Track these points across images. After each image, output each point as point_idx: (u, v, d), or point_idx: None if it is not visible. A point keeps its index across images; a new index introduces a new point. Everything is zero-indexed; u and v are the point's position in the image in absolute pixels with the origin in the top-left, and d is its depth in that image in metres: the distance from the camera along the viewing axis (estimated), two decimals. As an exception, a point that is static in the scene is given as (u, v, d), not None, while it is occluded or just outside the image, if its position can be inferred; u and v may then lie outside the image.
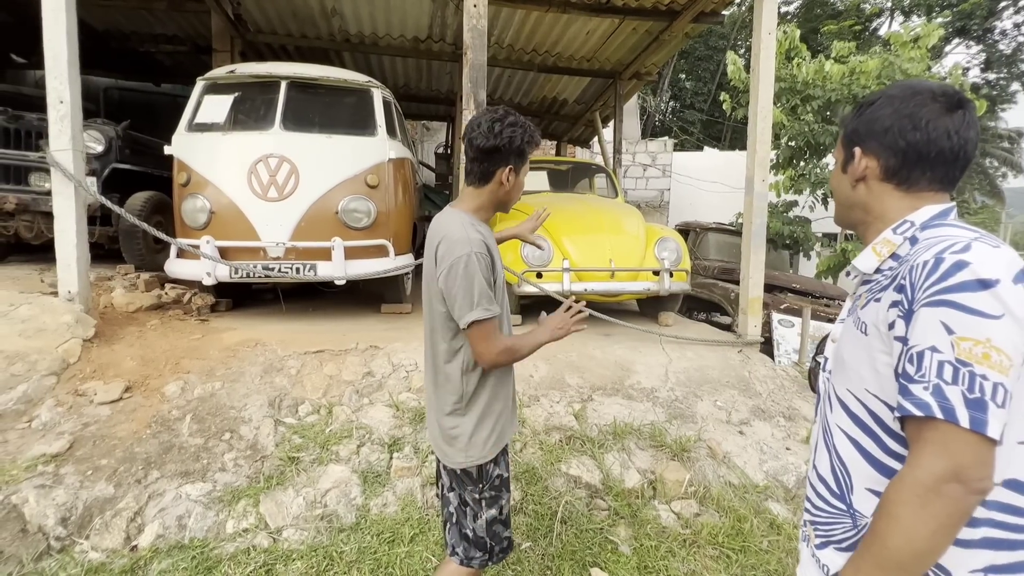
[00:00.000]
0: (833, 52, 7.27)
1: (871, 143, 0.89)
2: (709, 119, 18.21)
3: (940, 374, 0.70)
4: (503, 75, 7.26)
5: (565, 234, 4.13)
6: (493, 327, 1.32)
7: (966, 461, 0.69)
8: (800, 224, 7.62)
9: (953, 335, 0.70)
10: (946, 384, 0.70)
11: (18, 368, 2.61)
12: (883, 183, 0.89)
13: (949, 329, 0.71)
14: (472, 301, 1.28)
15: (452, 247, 1.30)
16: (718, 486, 2.56)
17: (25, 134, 4.21)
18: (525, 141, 1.36)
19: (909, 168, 0.86)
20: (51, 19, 2.98)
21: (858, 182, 0.92)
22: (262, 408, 2.67)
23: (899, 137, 0.85)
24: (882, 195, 0.89)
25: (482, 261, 1.30)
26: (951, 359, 0.70)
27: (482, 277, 1.29)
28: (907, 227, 0.86)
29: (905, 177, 0.87)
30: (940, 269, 0.74)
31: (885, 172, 0.88)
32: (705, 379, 3.36)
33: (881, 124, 0.87)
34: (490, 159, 1.36)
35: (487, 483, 1.41)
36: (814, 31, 13.92)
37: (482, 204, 1.42)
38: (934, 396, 0.70)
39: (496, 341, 1.32)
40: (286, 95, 3.74)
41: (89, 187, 3.18)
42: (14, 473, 2.11)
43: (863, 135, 0.90)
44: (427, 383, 1.48)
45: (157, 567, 1.89)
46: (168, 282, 3.98)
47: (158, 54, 6.80)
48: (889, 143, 0.86)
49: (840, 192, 0.97)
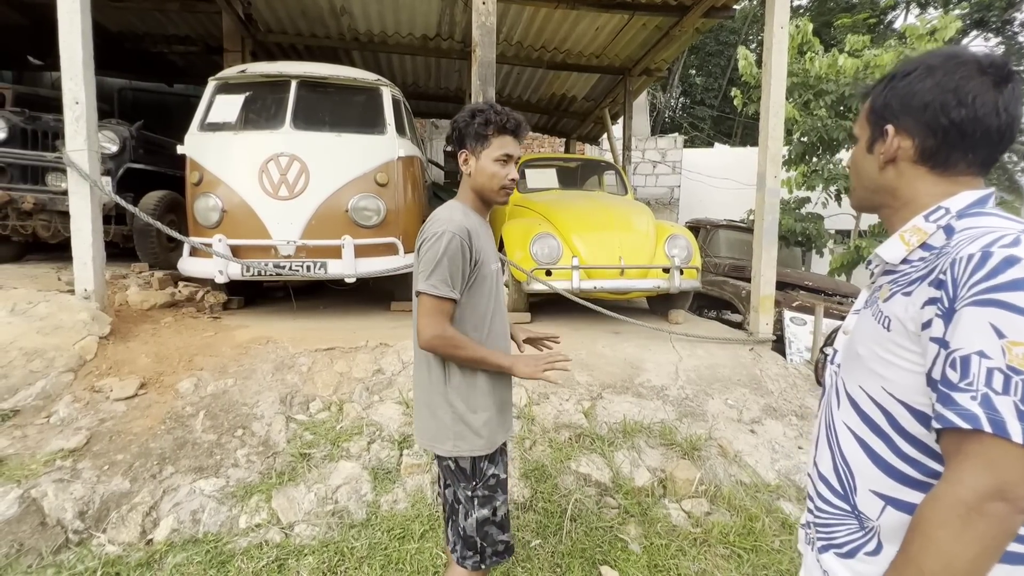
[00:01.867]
0: (847, 46, 7.16)
1: (906, 120, 0.78)
2: (720, 115, 18.03)
3: (989, 382, 0.63)
4: (512, 72, 7.24)
5: (574, 231, 4.11)
6: (438, 307, 1.30)
7: (1014, 478, 0.61)
8: (813, 221, 7.53)
9: (1004, 339, 0.62)
10: (996, 394, 0.62)
11: (37, 365, 2.67)
12: (917, 165, 0.80)
13: (1000, 332, 0.63)
14: (428, 272, 1.29)
15: (433, 224, 1.34)
16: (729, 485, 2.54)
17: (42, 135, 4.28)
18: (480, 123, 1.36)
19: (949, 149, 0.77)
20: (67, 21, 3.02)
21: (887, 164, 0.82)
22: (274, 405, 2.69)
23: (941, 114, 0.75)
24: (914, 179, 0.80)
25: (455, 241, 1.29)
26: (1002, 366, 0.62)
27: (447, 256, 1.28)
28: (941, 214, 0.77)
29: (943, 159, 0.77)
30: (988, 264, 0.65)
31: (921, 154, 0.78)
32: (716, 377, 3.34)
33: (920, 99, 0.77)
34: (455, 145, 1.41)
35: (480, 481, 1.40)
36: (827, 25, 13.70)
37: (467, 195, 1.44)
38: (983, 407, 0.63)
39: (437, 322, 1.30)
40: (296, 94, 3.76)
41: (104, 187, 3.23)
42: (33, 467, 2.15)
43: (896, 110, 0.80)
44: (417, 374, 1.47)
45: (172, 560, 1.92)
46: (181, 280, 4.03)
47: (171, 55, 6.88)
48: (928, 121, 0.76)
49: (864, 173, 0.87)
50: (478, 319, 1.39)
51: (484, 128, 1.36)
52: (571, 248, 4.02)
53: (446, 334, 1.31)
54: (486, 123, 1.36)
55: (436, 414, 1.39)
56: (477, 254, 1.35)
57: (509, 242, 4.20)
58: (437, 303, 1.30)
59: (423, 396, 1.43)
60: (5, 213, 4.09)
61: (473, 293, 1.37)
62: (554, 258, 3.95)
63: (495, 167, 1.39)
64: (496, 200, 1.46)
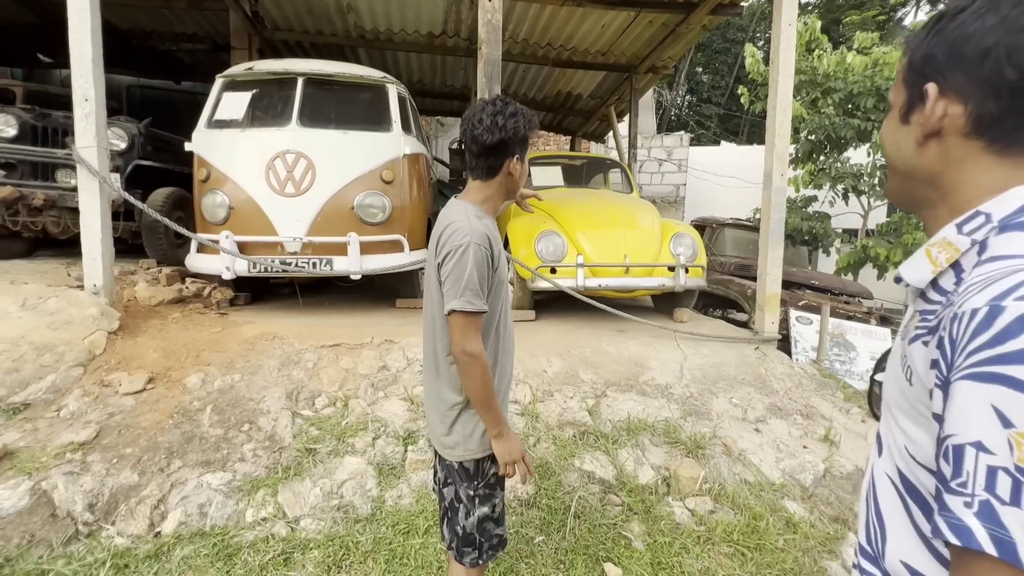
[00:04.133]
0: (856, 43, 7.10)
1: (956, 76, 0.56)
2: (726, 113, 17.92)
3: (991, 487, 0.47)
4: (517, 70, 7.23)
5: (579, 229, 4.11)
6: (472, 322, 1.29)
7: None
8: (820, 220, 7.49)
9: (1012, 429, 0.46)
10: (1000, 503, 0.46)
11: (47, 359, 2.70)
12: (969, 140, 0.57)
13: (1006, 419, 0.46)
14: (459, 289, 1.26)
15: (454, 235, 1.29)
16: (733, 483, 2.54)
17: (52, 132, 4.32)
18: (528, 128, 1.36)
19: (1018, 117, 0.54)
20: (76, 19, 3.05)
21: (928, 138, 0.60)
22: (280, 400, 2.71)
23: (1008, 65, 0.53)
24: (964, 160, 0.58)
25: (480, 252, 1.28)
26: (1008, 465, 0.46)
27: (475, 269, 1.27)
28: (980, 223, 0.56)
29: (1009, 132, 0.55)
30: (996, 325, 0.48)
31: (977, 123, 0.56)
32: (721, 376, 3.33)
33: (977, 44, 0.54)
34: (497, 153, 1.34)
35: (482, 480, 1.41)
36: (835, 22, 13.60)
37: (489, 196, 1.41)
38: (981, 519, 0.47)
39: (471, 339, 1.28)
40: (303, 91, 3.77)
41: (113, 183, 3.26)
42: (44, 460, 2.18)
43: (943, 63, 0.57)
44: (426, 375, 1.47)
45: (179, 553, 1.94)
46: (189, 276, 4.06)
47: (178, 52, 6.92)
48: (989, 76, 0.54)
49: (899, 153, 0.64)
50: (490, 320, 1.40)
51: (531, 132, 1.36)
52: (576, 246, 4.02)
53: (477, 352, 1.29)
54: (531, 127, 1.36)
55: (446, 420, 1.39)
56: (496, 260, 1.36)
57: (514, 240, 4.20)
58: (473, 319, 1.29)
59: (434, 402, 1.43)
60: (16, 209, 4.14)
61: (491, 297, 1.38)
62: (559, 256, 3.95)
63: (526, 168, 1.42)
64: (515, 197, 1.46)
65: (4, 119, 4.16)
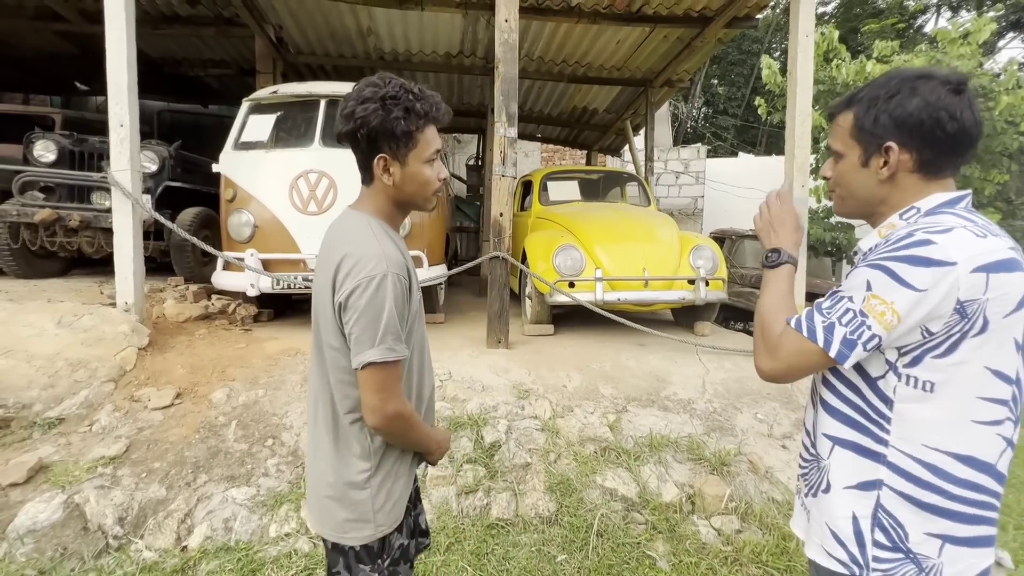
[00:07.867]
0: (875, 52, 7.03)
1: (902, 136, 0.87)
2: (744, 124, 17.82)
3: (835, 311, 0.86)
4: (533, 86, 7.33)
5: (597, 243, 4.11)
6: (394, 375, 1.00)
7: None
8: (843, 230, 7.35)
9: (869, 292, 0.82)
10: (823, 316, 0.87)
11: (81, 375, 2.78)
12: (913, 173, 0.89)
13: (869, 286, 0.82)
14: (375, 335, 0.96)
15: (360, 262, 0.98)
16: (760, 502, 2.47)
17: (88, 156, 4.52)
18: (399, 116, 0.99)
19: (943, 158, 0.87)
20: (114, 50, 3.20)
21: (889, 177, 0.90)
22: (303, 415, 2.74)
23: (937, 129, 0.84)
24: (908, 186, 0.90)
25: (399, 285, 1.00)
26: (855, 308, 0.83)
27: (394, 307, 0.98)
28: (913, 213, 0.89)
29: (938, 167, 0.88)
30: (904, 240, 0.81)
31: (919, 164, 0.88)
32: (744, 390, 3.26)
33: (916, 117, 0.85)
34: (357, 148, 1.04)
35: (388, 556, 1.11)
36: (854, 31, 13.47)
37: (380, 206, 1.09)
38: (805, 318, 0.90)
39: (393, 397, 1.00)
40: (325, 113, 3.88)
41: (145, 204, 3.38)
42: (77, 474, 2.24)
43: (891, 128, 0.88)
44: (315, 444, 1.11)
45: (205, 568, 1.97)
46: (215, 293, 4.16)
47: (206, 77, 7.21)
48: (926, 136, 0.85)
49: (860, 188, 0.94)
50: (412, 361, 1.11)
51: (406, 122, 1.00)
52: (594, 260, 4.01)
53: (403, 411, 1.03)
54: (407, 114, 1.00)
55: (349, 497, 1.07)
56: (414, 290, 1.09)
57: (532, 254, 4.22)
58: (391, 369, 0.99)
59: (328, 480, 1.09)
60: (53, 231, 4.31)
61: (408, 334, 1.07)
62: (577, 270, 3.95)
63: (427, 171, 1.07)
64: (425, 208, 1.13)
65: (44, 145, 4.36)
